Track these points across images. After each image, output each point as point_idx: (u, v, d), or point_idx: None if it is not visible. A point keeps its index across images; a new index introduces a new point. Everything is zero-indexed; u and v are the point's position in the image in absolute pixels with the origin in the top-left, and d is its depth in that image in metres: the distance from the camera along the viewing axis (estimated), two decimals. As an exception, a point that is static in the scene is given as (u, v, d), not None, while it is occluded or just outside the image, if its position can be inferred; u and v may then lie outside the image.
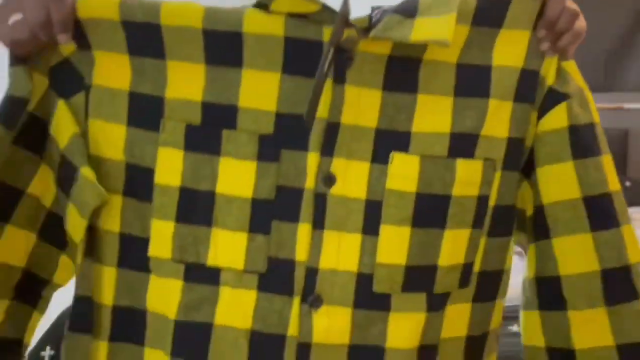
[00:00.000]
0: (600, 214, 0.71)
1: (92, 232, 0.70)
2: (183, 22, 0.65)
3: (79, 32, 0.68)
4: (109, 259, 0.70)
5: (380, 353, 0.68)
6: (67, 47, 0.68)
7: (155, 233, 0.68)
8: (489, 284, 0.74)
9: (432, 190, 0.67)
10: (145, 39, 0.67)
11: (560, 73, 0.71)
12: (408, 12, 0.63)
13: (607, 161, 0.72)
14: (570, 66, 0.72)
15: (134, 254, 0.69)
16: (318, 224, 0.67)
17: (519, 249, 2.18)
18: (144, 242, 0.68)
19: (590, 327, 0.70)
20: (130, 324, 0.70)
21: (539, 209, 0.73)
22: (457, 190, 0.67)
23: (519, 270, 0.81)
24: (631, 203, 3.23)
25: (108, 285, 0.70)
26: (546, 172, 0.71)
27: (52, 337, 1.61)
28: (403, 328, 0.68)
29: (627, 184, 3.21)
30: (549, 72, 0.70)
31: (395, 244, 0.67)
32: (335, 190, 0.67)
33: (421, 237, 0.68)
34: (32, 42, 0.66)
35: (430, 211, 0.68)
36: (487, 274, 0.73)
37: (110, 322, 0.71)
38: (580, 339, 0.70)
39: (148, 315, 0.69)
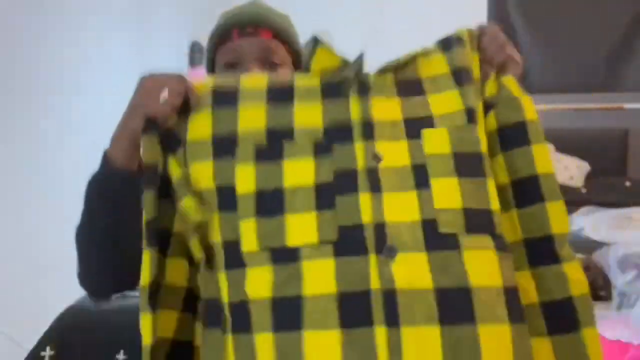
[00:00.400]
0: (525, 192, 0.84)
1: (206, 248, 0.84)
2: (254, 86, 0.89)
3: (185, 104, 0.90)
4: (219, 265, 0.82)
5: (467, 292, 0.73)
6: (171, 119, 0.88)
7: (243, 232, 0.80)
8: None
9: (465, 149, 0.82)
10: (225, 98, 0.88)
11: (498, 86, 0.89)
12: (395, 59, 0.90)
13: (538, 149, 0.85)
14: (508, 80, 0.89)
15: (234, 256, 0.81)
16: (375, 189, 0.79)
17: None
18: (238, 244, 0.80)
19: (520, 287, 0.80)
20: (242, 316, 0.78)
21: None
22: (483, 148, 0.83)
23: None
24: (631, 203, 3.20)
25: (223, 286, 0.80)
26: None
27: (52, 337, 1.61)
28: (481, 265, 0.75)
29: (627, 184, 3.21)
30: (487, 85, 0.90)
31: (448, 192, 0.79)
32: (384, 164, 0.80)
33: (470, 185, 0.79)
34: (171, 113, 0.88)
35: (469, 164, 0.81)
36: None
37: (230, 316, 0.79)
38: None
39: (251, 305, 0.77)
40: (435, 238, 0.75)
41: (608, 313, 1.69)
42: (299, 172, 0.80)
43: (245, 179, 0.82)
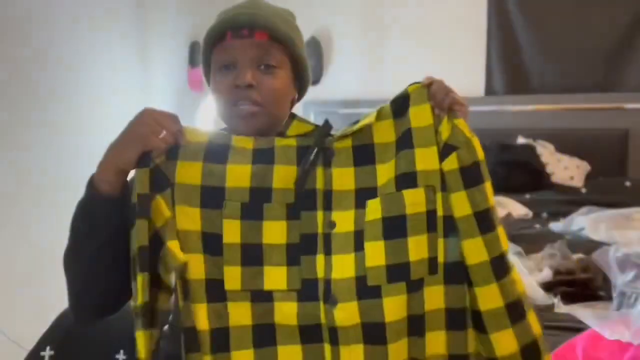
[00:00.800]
0: (484, 222, 1.05)
1: (185, 282, 1.01)
2: (243, 145, 1.08)
3: (174, 147, 1.04)
4: (199, 298, 1.02)
5: (382, 326, 1.02)
6: (160, 157, 1.02)
7: (227, 275, 1.03)
8: (456, 271, 1.07)
9: (392, 213, 1.04)
10: (216, 154, 1.06)
11: (452, 129, 1.06)
12: (354, 123, 1.10)
13: (487, 186, 1.06)
14: (460, 122, 1.07)
15: (216, 291, 1.03)
16: (328, 252, 1.04)
17: (518, 248, 2.20)
18: (222, 282, 1.03)
19: (488, 296, 1.05)
20: (222, 338, 1.02)
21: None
22: (408, 210, 1.04)
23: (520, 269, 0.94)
24: (631, 203, 3.18)
25: (202, 316, 1.01)
26: (451, 198, 1.06)
27: (52, 337, 1.61)
28: (394, 306, 1.03)
29: (627, 184, 3.21)
30: (443, 129, 1.07)
31: (376, 253, 1.03)
32: (336, 230, 1.05)
33: (393, 246, 1.03)
34: (164, 151, 1.02)
35: (394, 227, 1.04)
36: (451, 264, 1.07)
37: (210, 340, 1.01)
38: (483, 304, 1.05)
39: (231, 329, 1.02)
40: (365, 289, 1.02)
41: (608, 313, 1.68)
42: (275, 233, 1.05)
43: (232, 232, 1.04)
